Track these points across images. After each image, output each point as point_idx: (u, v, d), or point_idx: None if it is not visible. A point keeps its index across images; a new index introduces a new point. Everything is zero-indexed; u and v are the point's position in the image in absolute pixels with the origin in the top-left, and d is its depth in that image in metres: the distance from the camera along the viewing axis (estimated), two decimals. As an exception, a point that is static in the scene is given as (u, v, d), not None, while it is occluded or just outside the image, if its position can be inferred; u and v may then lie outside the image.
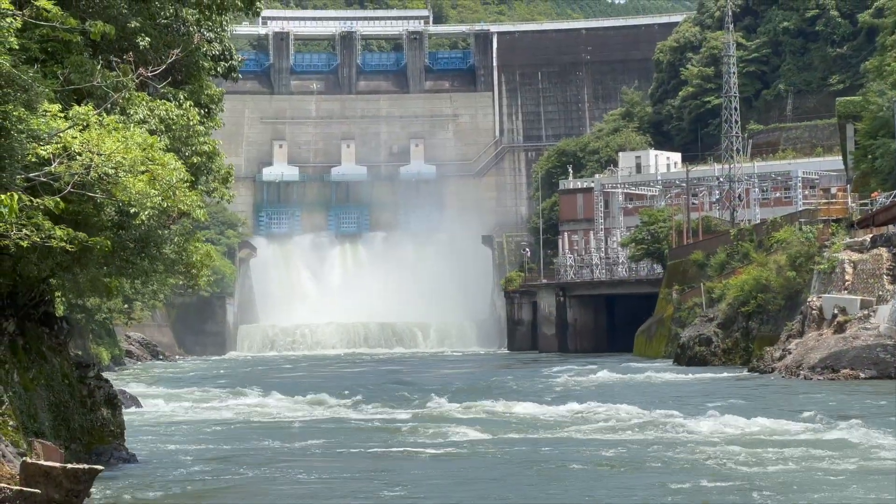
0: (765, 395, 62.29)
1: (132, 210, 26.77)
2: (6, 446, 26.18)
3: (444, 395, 65.41)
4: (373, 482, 33.69)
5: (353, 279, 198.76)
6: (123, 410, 38.74)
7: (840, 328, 75.37)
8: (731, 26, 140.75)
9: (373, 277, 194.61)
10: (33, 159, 24.96)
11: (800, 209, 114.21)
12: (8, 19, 23.08)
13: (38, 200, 24.30)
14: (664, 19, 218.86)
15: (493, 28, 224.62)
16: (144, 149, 26.70)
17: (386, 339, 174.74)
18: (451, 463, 37.75)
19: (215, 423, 53.28)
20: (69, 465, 24.04)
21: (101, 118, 26.69)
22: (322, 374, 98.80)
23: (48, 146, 25.12)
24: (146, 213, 26.92)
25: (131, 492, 31.83)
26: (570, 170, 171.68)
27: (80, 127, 25.94)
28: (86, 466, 24.10)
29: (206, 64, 34.77)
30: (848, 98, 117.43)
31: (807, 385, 67.96)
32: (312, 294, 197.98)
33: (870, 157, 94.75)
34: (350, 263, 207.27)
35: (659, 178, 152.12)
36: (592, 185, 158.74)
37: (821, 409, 49.57)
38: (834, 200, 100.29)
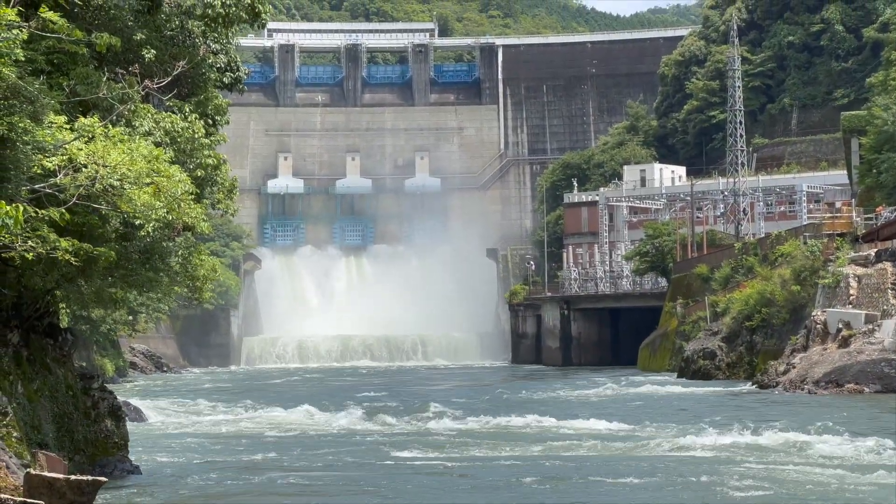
0: (771, 409, 62.21)
1: (137, 222, 26.81)
2: (10, 457, 26.19)
3: (447, 407, 65.37)
4: (375, 493, 33.68)
5: (357, 292, 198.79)
6: (127, 422, 38.75)
7: (844, 343, 75.27)
8: (736, 40, 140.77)
9: (377, 290, 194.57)
10: (39, 171, 25.01)
11: (804, 223, 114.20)
12: (14, 31, 23.14)
13: (43, 212, 24.35)
14: (669, 33, 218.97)
15: (499, 41, 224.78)
16: (150, 161, 26.76)
17: (390, 352, 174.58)
18: (453, 476, 37.72)
19: (219, 434, 53.30)
20: (73, 477, 24.05)
21: (106, 130, 26.75)
22: (325, 387, 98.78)
23: (54, 158, 25.18)
24: (151, 225, 26.97)
25: (135, 503, 31.84)
26: (575, 183, 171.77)
27: (86, 139, 26.00)
28: (89, 478, 24.11)
29: (211, 76, 34.83)
30: (853, 112, 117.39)
31: (812, 399, 67.83)
32: (317, 306, 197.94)
33: (874, 171, 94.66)
34: (354, 276, 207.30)
35: (663, 191, 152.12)
36: (597, 198, 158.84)
37: (834, 423, 49.50)
38: (838, 215, 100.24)
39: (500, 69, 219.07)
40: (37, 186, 25.01)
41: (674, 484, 34.65)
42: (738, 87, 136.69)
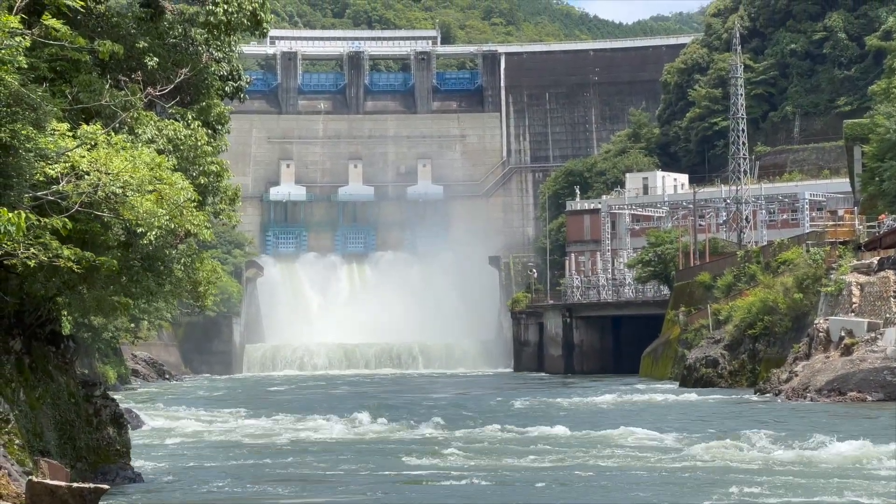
0: (791, 418, 62.05)
1: (139, 230, 26.78)
2: (12, 465, 26.17)
3: (455, 416, 65.27)
4: (376, 501, 33.62)
5: (359, 299, 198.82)
6: (129, 429, 38.70)
7: (847, 351, 75.19)
8: (739, 48, 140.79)
9: (379, 298, 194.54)
10: (41, 178, 25.00)
11: (807, 231, 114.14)
12: (17, 38, 23.13)
13: (45, 220, 24.33)
14: (672, 41, 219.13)
15: (501, 49, 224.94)
16: (152, 168, 26.75)
17: (392, 360, 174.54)
18: (458, 486, 37.63)
19: (221, 442, 53.24)
20: (75, 485, 24.02)
21: (109, 137, 26.73)
22: (328, 395, 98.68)
23: (56, 165, 25.17)
24: (153, 232, 26.93)
25: (136, 511, 31.80)
26: (578, 191, 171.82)
27: (89, 146, 25.99)
28: (91, 486, 24.08)
29: (214, 84, 34.82)
30: (855, 120, 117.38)
31: (825, 409, 67.65)
32: (319, 314, 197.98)
33: (877, 179, 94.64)
34: (357, 283, 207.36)
35: (666, 199, 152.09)
36: (599, 206, 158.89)
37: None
38: (841, 223, 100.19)
39: (502, 77, 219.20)
40: (39, 194, 25.01)
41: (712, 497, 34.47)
42: (741, 94, 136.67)
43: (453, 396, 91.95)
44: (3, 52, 22.89)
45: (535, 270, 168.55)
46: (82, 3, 26.24)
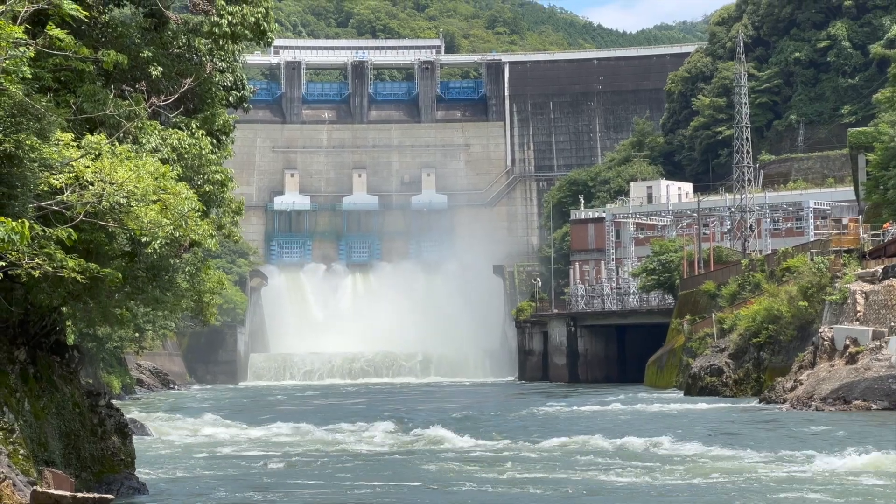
0: (806, 427, 61.99)
1: (144, 239, 26.77)
2: (17, 475, 26.15)
3: (453, 425, 65.19)
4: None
5: (363, 308, 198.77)
6: (134, 439, 38.67)
7: (852, 359, 75.11)
8: (743, 57, 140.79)
9: (383, 307, 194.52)
10: (46, 188, 25.01)
11: (811, 240, 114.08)
12: (21, 48, 23.15)
13: (50, 230, 24.33)
14: (676, 50, 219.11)
15: (505, 58, 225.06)
16: (156, 178, 26.74)
17: (397, 369, 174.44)
18: (458, 494, 37.63)
19: (225, 451, 53.22)
20: (79, 494, 24.01)
21: (113, 147, 26.74)
22: (332, 405, 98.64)
23: (60, 175, 25.17)
24: (158, 242, 26.92)
25: (141, 521, 31.76)
26: (582, 200, 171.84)
27: (93, 156, 25.99)
28: (96, 495, 24.07)
29: (218, 93, 34.81)
30: (860, 129, 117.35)
31: (821, 417, 67.56)
32: (323, 323, 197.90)
33: (881, 187, 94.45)
34: (361, 293, 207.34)
35: (670, 208, 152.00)
36: (603, 214, 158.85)
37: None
38: (845, 231, 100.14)
39: (506, 86, 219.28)
40: (44, 204, 25.01)
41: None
42: (745, 103, 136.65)
43: (458, 406, 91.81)
44: (7, 62, 22.91)
45: (539, 279, 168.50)
46: (86, 14, 26.27)
